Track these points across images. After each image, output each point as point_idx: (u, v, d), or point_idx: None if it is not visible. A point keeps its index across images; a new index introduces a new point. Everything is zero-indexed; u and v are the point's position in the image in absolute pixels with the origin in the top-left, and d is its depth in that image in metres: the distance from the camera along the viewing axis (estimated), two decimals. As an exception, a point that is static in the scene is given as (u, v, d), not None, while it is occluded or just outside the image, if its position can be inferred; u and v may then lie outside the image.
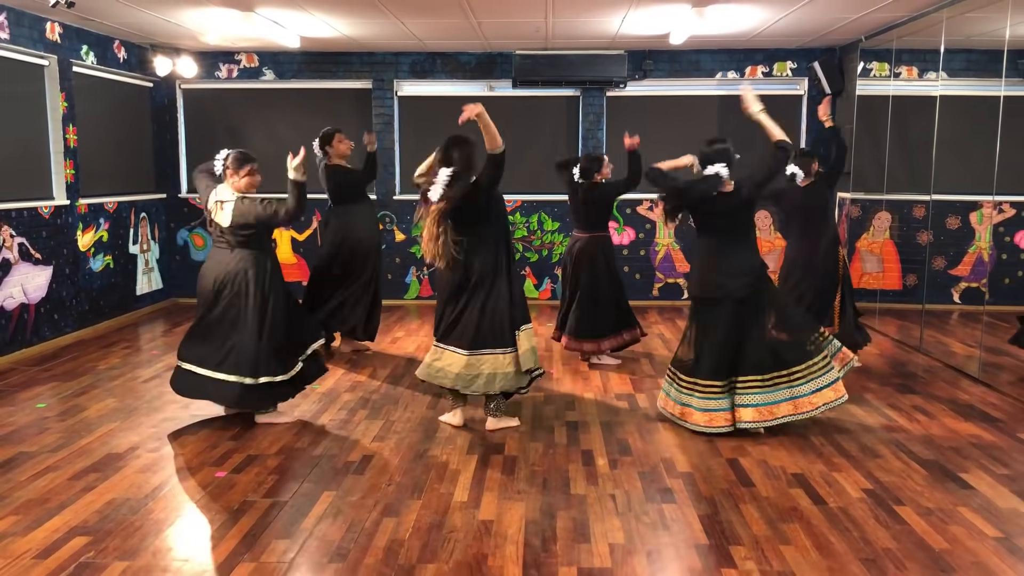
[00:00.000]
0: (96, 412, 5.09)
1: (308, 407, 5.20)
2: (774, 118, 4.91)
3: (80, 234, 7.46)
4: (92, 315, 7.61)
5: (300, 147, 5.14)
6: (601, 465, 4.18)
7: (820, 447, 4.45)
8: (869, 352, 6.77)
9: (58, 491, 3.84)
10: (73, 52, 7.33)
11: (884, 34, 7.48)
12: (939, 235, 8.78)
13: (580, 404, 5.28)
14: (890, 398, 5.39)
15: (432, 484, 3.93)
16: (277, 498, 3.77)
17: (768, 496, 3.78)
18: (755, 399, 4.56)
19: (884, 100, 7.92)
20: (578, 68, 8.61)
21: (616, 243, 9.07)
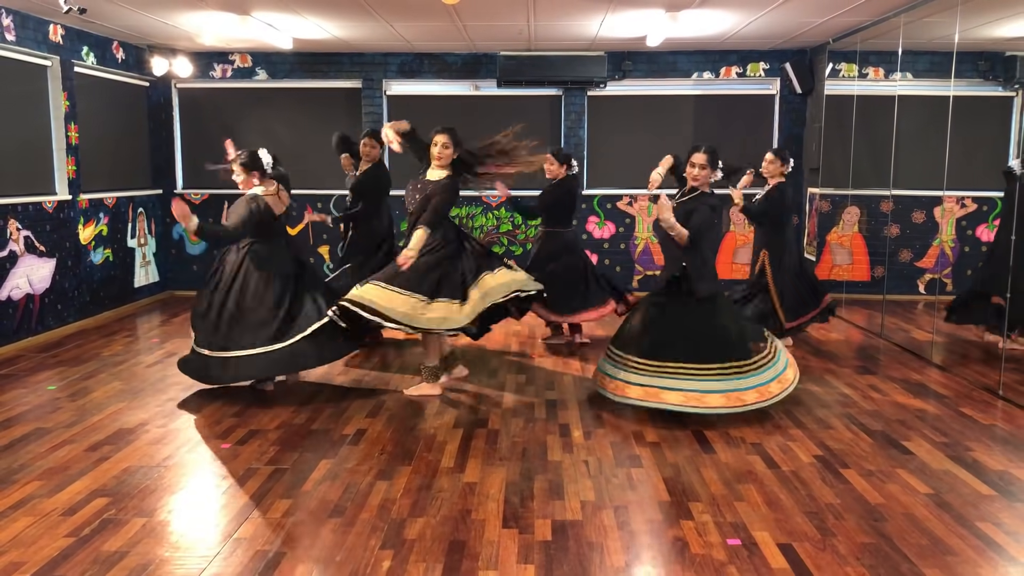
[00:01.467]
0: (104, 394, 5.41)
1: (303, 388, 5.54)
2: (748, 118, 5.24)
3: (81, 228, 7.76)
4: (93, 306, 7.92)
5: (294, 146, 5.45)
6: (576, 436, 4.55)
7: (778, 420, 4.83)
8: (834, 338, 7.17)
9: (76, 460, 4.18)
10: (74, 53, 7.63)
11: (850, 37, 7.88)
12: (905, 229, 9.21)
13: (559, 384, 5.65)
14: (848, 378, 5.78)
15: (421, 453, 4.29)
16: (279, 465, 4.12)
17: (727, 462, 4.16)
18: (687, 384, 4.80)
19: (850, 99, 8.33)
20: (560, 68, 8.98)
21: (597, 237, 9.45)
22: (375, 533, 3.36)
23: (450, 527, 3.40)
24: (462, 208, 9.34)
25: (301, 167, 9.10)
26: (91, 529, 3.39)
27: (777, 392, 4.83)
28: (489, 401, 5.23)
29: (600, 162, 9.43)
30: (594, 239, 9.44)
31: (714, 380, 4.75)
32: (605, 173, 9.42)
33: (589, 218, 9.43)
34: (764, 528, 3.40)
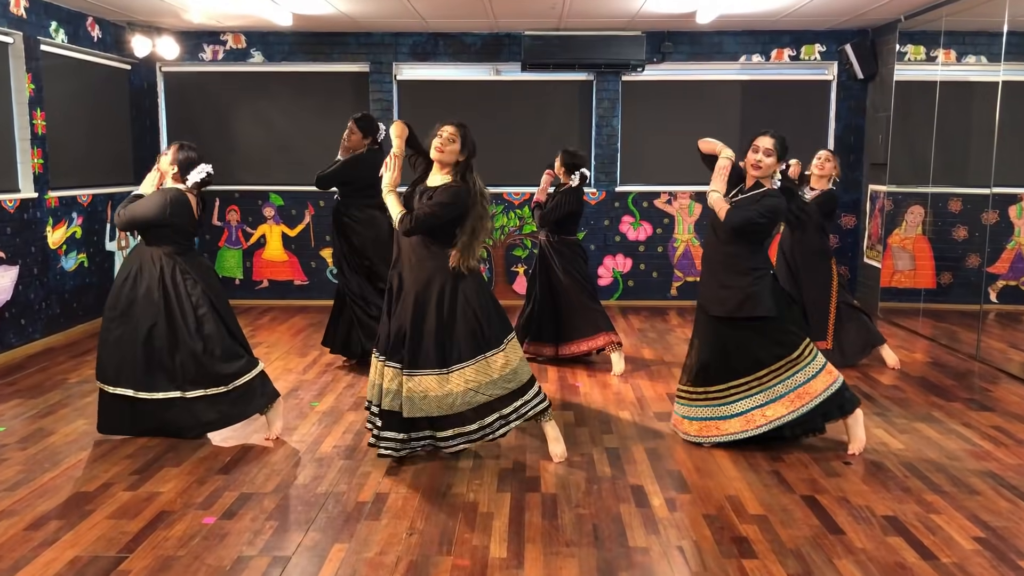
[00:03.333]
0: (64, 438, 4.42)
1: (308, 430, 4.56)
2: (802, 106, 4.30)
3: (50, 230, 6.76)
4: (64, 319, 6.93)
5: (293, 137, 4.43)
6: (657, 506, 3.57)
7: (904, 479, 3.85)
8: (919, 360, 6.20)
9: (12, 545, 3.19)
10: (41, 29, 6.62)
11: (930, 13, 6.88)
12: (974, 231, 8.23)
13: (617, 424, 4.67)
14: (963, 417, 4.80)
15: (462, 534, 3.30)
16: (278, 552, 3.14)
17: (864, 548, 3.18)
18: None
19: (927, 86, 7.32)
20: (592, 50, 7.98)
21: (632, 239, 8.47)
22: None
23: (520, 669, 2.43)
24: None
25: (301, 160, 8.13)
26: (14, 671, 2.41)
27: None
28: (535, 448, 4.24)
29: (635, 155, 8.43)
30: (628, 241, 8.46)
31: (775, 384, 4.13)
32: (641, 168, 8.43)
33: (623, 218, 8.44)
34: (959, 669, 2.43)
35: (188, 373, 4.25)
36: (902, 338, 7.01)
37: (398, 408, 3.91)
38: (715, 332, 4.21)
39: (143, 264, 4.30)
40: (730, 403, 4.21)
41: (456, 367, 3.90)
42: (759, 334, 4.12)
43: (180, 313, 4.25)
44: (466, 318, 3.90)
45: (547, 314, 5.86)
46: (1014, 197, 7.96)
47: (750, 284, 4.06)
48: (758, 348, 4.13)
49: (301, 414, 4.85)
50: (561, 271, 5.78)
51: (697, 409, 4.28)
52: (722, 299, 4.12)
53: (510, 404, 3.97)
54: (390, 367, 3.94)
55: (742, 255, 4.11)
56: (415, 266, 3.91)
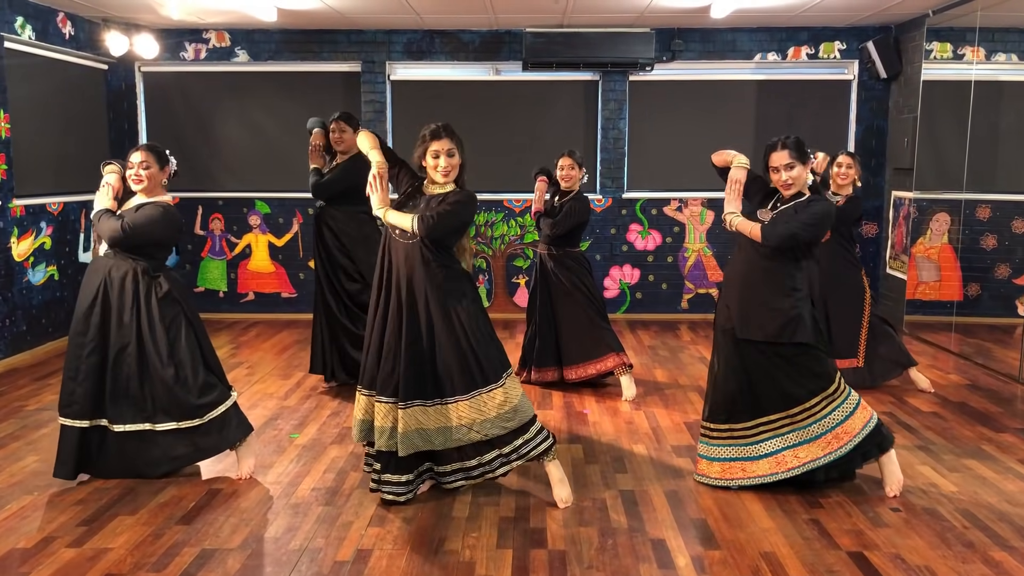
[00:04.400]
0: (8, 479, 3.93)
1: (285, 468, 4.07)
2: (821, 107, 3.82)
3: (15, 241, 6.28)
4: (31, 337, 6.44)
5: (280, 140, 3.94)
6: (683, 567, 3.07)
7: (963, 532, 3.36)
8: (954, 381, 5.71)
9: (-77, 623, 2.70)
10: (5, 25, 6.14)
11: (961, 7, 6.40)
12: (1003, 239, 7.74)
13: (631, 460, 4.17)
14: (1018, 451, 4.30)
15: (456, 604, 2.81)
16: (237, 631, 2.65)
17: (931, 623, 2.69)
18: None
19: (959, 86, 6.84)
20: (598, 48, 7.49)
21: (640, 248, 7.98)
22: None
23: None
24: (480, 215, 7.86)
25: (289, 166, 7.64)
26: None
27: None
28: (539, 492, 3.75)
29: (643, 160, 7.95)
30: (636, 251, 7.97)
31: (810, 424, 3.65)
32: (650, 173, 7.94)
33: (631, 226, 7.95)
34: None
35: (159, 402, 3.78)
36: (931, 356, 6.52)
37: (395, 448, 3.45)
38: (742, 358, 3.71)
39: (110, 280, 3.80)
40: (758, 443, 3.72)
41: (450, 400, 3.45)
42: (793, 364, 3.63)
43: (152, 336, 3.77)
44: (460, 346, 3.43)
45: (549, 334, 5.36)
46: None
47: (792, 306, 3.58)
48: (791, 380, 3.64)
49: (279, 448, 4.36)
50: (568, 285, 5.29)
51: (720, 449, 3.79)
52: (761, 322, 3.62)
53: (510, 443, 3.51)
54: (382, 403, 3.47)
55: (785, 272, 3.62)
56: (410, 289, 3.44)
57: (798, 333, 3.57)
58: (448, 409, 3.46)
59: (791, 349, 3.61)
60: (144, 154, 3.87)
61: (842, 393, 3.67)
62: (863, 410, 3.67)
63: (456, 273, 3.52)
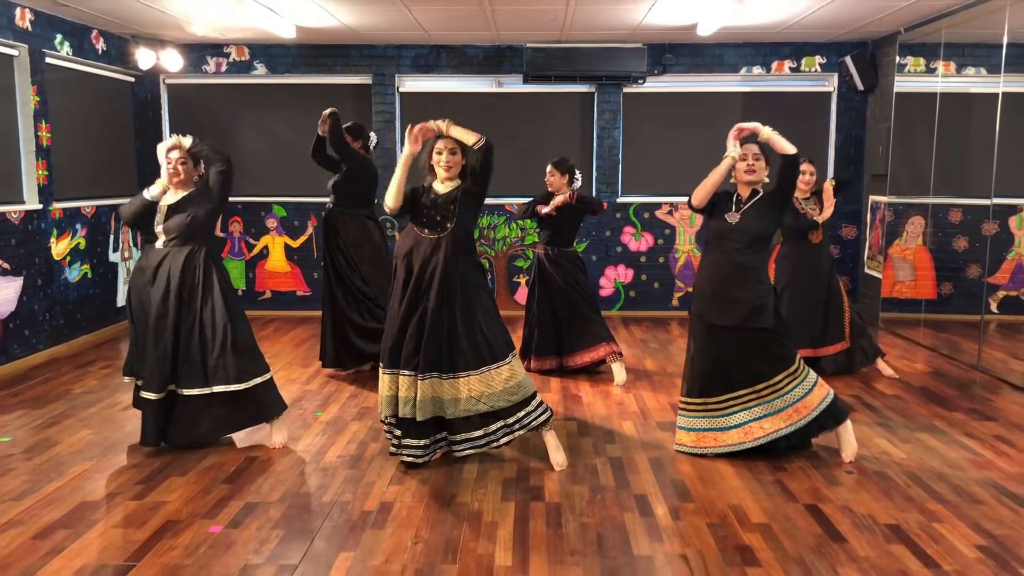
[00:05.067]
0: (68, 448, 4.44)
1: (312, 440, 4.58)
2: (802, 117, 4.34)
3: (54, 241, 6.80)
4: (68, 330, 6.95)
5: (296, 148, 4.47)
6: (661, 515, 3.59)
7: (907, 489, 3.87)
8: (921, 370, 6.22)
9: (20, 554, 3.20)
10: (46, 42, 6.67)
11: (928, 25, 6.93)
12: (974, 241, 8.25)
13: (620, 435, 4.68)
14: (965, 426, 4.82)
15: (467, 542, 3.32)
16: (284, 560, 3.15)
17: (867, 556, 3.20)
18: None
19: (927, 98, 7.37)
20: (594, 62, 8.03)
21: (634, 249, 8.51)
22: None
23: (526, 676, 2.44)
24: (483, 218, 8.38)
25: (303, 172, 8.13)
26: None
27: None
28: (538, 458, 4.26)
29: (636, 166, 8.48)
30: (630, 252, 8.49)
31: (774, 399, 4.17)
32: (642, 179, 8.47)
33: (625, 229, 8.47)
34: (963, 676, 2.44)
35: (218, 370, 4.24)
36: (903, 348, 7.04)
37: (415, 414, 3.95)
38: (714, 342, 4.22)
39: (175, 265, 4.27)
40: (728, 415, 4.22)
41: (462, 374, 3.96)
42: (760, 346, 4.15)
43: (212, 310, 4.27)
44: (475, 328, 3.95)
45: (548, 327, 5.87)
46: (1014, 208, 7.99)
47: (758, 296, 4.10)
48: (759, 361, 4.16)
49: (305, 424, 4.87)
50: (561, 283, 5.80)
51: (695, 420, 4.30)
52: (730, 309, 4.13)
53: (515, 414, 4.01)
54: (405, 375, 3.97)
55: (757, 265, 4.15)
56: (435, 277, 3.93)
57: (762, 319, 4.09)
58: (460, 382, 3.97)
59: (756, 333, 4.12)
60: (183, 151, 4.34)
61: (802, 372, 4.18)
62: (820, 387, 4.18)
63: (475, 262, 4.06)
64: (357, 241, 5.86)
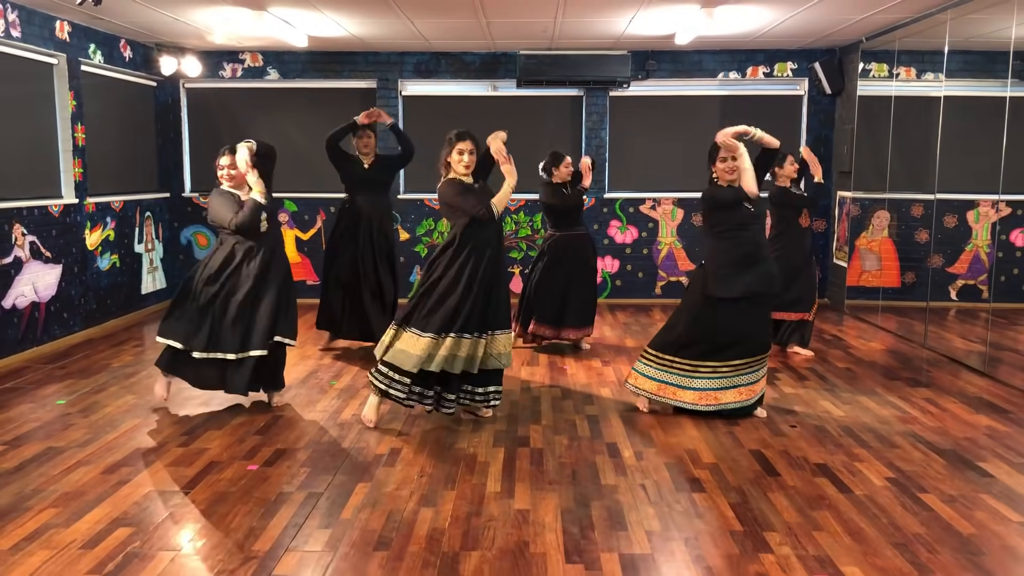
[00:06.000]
0: (117, 409, 5.11)
1: (328, 403, 5.25)
2: (776, 119, 4.97)
3: (88, 233, 7.46)
4: (100, 314, 7.61)
5: (306, 148, 5.13)
6: (627, 457, 4.26)
7: (839, 438, 4.54)
8: (875, 348, 6.89)
9: (93, 484, 3.87)
10: (81, 51, 7.33)
11: (886, 35, 7.60)
12: (937, 233, 8.92)
13: (598, 398, 5.35)
14: (900, 391, 5.49)
15: (463, 476, 3.99)
16: (312, 489, 3.82)
17: (795, 485, 3.87)
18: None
19: (885, 100, 8.05)
20: (582, 68, 8.69)
21: (620, 241, 9.17)
22: (427, 569, 3.06)
23: (509, 562, 3.11)
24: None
25: (313, 170, 8.81)
26: (115, 565, 3.08)
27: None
28: (526, 416, 4.93)
29: (622, 165, 9.15)
30: (616, 244, 9.16)
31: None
32: (627, 176, 9.13)
33: (611, 222, 9.14)
34: (852, 562, 3.11)
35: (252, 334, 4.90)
36: (862, 330, 7.71)
37: (452, 368, 4.57)
38: (718, 315, 4.76)
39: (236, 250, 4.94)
40: (691, 378, 4.86)
41: (498, 332, 4.69)
42: (764, 320, 4.82)
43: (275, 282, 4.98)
44: (504, 296, 4.70)
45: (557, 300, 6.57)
46: (971, 203, 8.67)
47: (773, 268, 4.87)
48: (747, 340, 4.77)
49: (322, 391, 5.53)
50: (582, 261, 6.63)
51: (659, 372, 4.90)
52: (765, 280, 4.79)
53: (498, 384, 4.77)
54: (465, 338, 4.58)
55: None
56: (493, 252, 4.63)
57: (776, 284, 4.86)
58: (487, 341, 4.64)
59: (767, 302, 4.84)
60: (231, 157, 4.96)
61: (766, 360, 4.86)
62: (765, 375, 4.89)
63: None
64: (388, 232, 6.53)
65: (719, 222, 4.82)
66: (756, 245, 4.79)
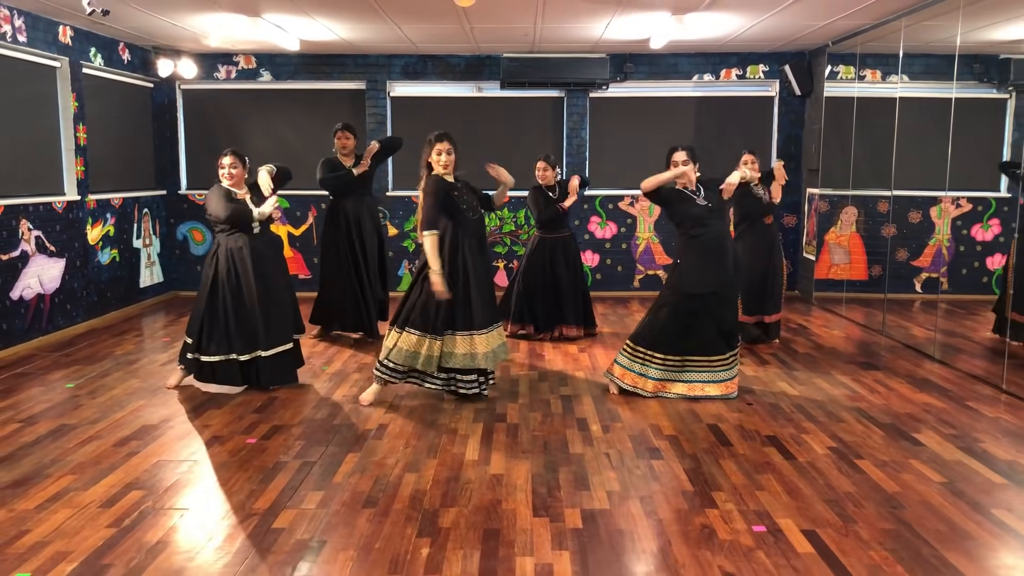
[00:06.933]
0: (123, 391, 5.47)
1: (321, 385, 5.62)
2: (748, 119, 5.32)
3: (89, 228, 7.80)
4: (100, 306, 7.96)
5: (298, 147, 5.48)
6: (595, 430, 4.65)
7: (790, 414, 4.94)
8: (837, 336, 7.31)
9: (106, 455, 4.24)
10: (83, 54, 7.68)
11: (849, 40, 8.02)
12: (902, 228, 9.35)
13: (572, 381, 5.75)
14: (854, 374, 5.91)
15: (445, 446, 4.37)
16: (306, 459, 4.20)
17: (744, 453, 4.27)
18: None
19: (849, 101, 8.47)
20: (563, 70, 9.09)
21: (599, 237, 9.57)
22: (410, 522, 3.44)
23: (482, 516, 3.50)
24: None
25: (305, 168, 9.16)
26: (131, 520, 3.46)
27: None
28: (505, 396, 5.32)
29: (602, 163, 9.54)
30: (596, 239, 9.55)
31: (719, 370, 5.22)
32: (607, 174, 9.52)
33: (592, 218, 9.54)
34: (787, 516, 3.50)
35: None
36: (828, 319, 8.12)
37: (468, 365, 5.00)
38: (693, 310, 5.13)
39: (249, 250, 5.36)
40: (682, 372, 5.22)
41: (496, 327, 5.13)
42: (725, 313, 5.21)
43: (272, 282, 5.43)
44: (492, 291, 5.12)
45: (555, 298, 7.01)
46: (934, 199, 9.11)
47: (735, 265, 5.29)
48: (720, 336, 5.18)
49: (315, 375, 5.90)
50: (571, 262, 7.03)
51: (652, 369, 5.22)
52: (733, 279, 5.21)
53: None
54: (478, 335, 5.02)
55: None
56: (479, 251, 5.07)
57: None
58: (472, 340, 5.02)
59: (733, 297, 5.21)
60: (233, 157, 5.36)
61: (738, 356, 5.28)
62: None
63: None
64: (377, 227, 6.95)
65: (680, 221, 5.24)
66: (718, 241, 5.18)
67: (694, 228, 5.18)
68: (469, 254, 5.03)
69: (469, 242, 5.04)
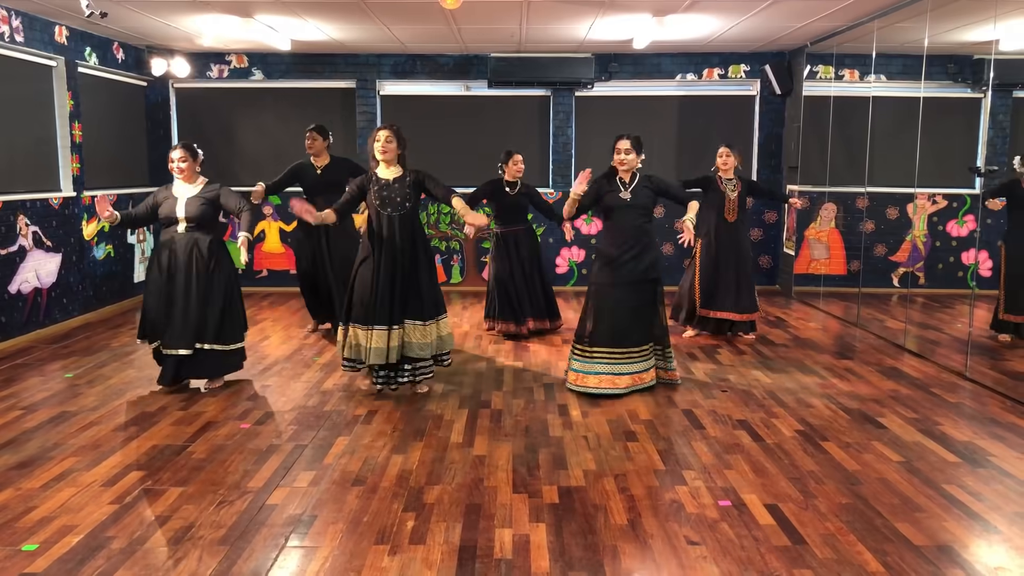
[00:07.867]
0: (120, 381, 5.66)
1: (312, 375, 5.82)
2: (730, 118, 5.47)
3: (85, 224, 7.97)
4: (96, 300, 8.13)
5: (288, 144, 5.70)
6: (575, 415, 4.86)
7: (762, 400, 5.17)
8: (812, 328, 7.54)
9: (106, 439, 4.43)
10: (78, 54, 7.84)
11: (826, 41, 8.25)
12: (879, 224, 9.60)
13: (555, 370, 5.96)
14: (827, 363, 6.14)
15: (431, 430, 4.58)
16: (298, 442, 4.40)
17: (715, 435, 4.49)
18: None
19: (827, 100, 8.70)
20: (549, 70, 9.29)
21: (585, 232, 9.78)
22: (396, 498, 3.65)
23: (465, 493, 3.70)
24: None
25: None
26: (132, 498, 3.65)
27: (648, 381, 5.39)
28: (490, 385, 5.53)
29: (587, 161, 9.73)
30: (581, 235, 9.76)
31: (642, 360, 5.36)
32: (592, 171, 9.69)
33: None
34: (752, 492, 3.72)
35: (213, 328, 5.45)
36: (806, 312, 8.35)
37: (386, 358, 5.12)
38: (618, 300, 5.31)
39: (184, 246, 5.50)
40: (623, 364, 5.32)
41: (430, 321, 5.20)
42: (659, 303, 5.41)
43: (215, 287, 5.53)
44: (433, 286, 5.20)
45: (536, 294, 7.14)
46: (910, 195, 9.35)
47: (657, 249, 5.40)
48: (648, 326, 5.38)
49: (306, 366, 6.10)
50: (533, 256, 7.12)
51: (597, 365, 5.31)
52: (651, 263, 5.30)
53: (442, 362, 5.37)
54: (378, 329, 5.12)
55: (651, 229, 5.39)
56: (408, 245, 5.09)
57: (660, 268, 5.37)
58: (429, 327, 5.18)
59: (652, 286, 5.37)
60: (182, 151, 5.48)
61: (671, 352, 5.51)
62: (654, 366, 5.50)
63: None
64: (348, 229, 7.08)
65: (600, 210, 5.51)
66: (628, 232, 5.28)
67: (608, 218, 5.39)
68: (384, 249, 5.03)
69: (387, 237, 5.04)
